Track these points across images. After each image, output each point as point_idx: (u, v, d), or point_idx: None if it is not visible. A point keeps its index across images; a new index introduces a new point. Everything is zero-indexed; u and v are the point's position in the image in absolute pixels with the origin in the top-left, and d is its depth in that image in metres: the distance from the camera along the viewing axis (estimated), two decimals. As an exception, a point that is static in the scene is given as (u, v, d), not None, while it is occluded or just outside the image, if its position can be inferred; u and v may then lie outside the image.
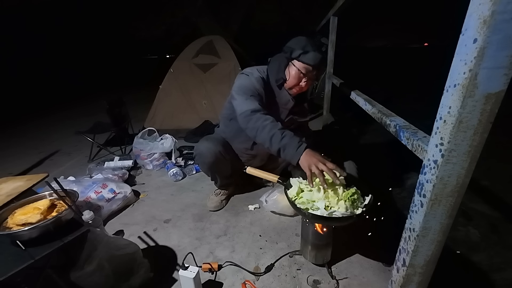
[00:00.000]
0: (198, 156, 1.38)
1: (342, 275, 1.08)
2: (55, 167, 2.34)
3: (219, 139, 1.41)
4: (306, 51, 1.13)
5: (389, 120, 0.81)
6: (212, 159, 1.34)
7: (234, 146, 1.46)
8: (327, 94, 2.70)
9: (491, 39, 0.40)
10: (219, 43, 3.07)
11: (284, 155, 1.03)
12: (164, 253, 1.20)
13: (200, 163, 1.42)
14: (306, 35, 1.22)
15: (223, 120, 1.45)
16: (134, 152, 2.14)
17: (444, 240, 0.59)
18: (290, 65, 1.19)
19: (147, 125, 2.74)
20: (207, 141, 1.36)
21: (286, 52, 1.19)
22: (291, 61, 1.18)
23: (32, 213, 0.82)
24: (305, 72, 1.17)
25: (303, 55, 1.14)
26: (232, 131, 1.39)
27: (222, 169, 1.45)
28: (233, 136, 1.42)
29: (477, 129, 0.46)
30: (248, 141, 1.36)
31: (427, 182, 0.54)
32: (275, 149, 1.04)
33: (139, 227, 1.45)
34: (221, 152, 1.35)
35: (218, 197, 1.57)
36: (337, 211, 0.90)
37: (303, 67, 1.16)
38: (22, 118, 4.38)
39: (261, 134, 1.08)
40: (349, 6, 1.87)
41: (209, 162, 1.36)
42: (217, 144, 1.35)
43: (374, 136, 2.72)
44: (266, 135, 1.06)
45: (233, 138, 1.43)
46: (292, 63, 1.18)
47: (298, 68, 1.16)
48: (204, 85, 2.90)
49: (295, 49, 1.15)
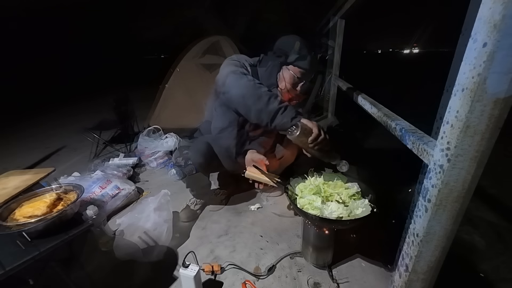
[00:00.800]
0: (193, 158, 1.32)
1: (343, 278, 1.07)
2: (62, 162, 2.38)
3: (200, 149, 1.30)
4: (303, 56, 1.09)
5: (394, 123, 0.81)
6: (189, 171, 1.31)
7: (217, 148, 1.33)
8: (332, 96, 2.69)
9: (501, 43, 0.39)
10: (225, 43, 3.09)
11: (282, 117, 0.97)
12: (165, 252, 1.20)
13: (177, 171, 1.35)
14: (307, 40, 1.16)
15: (208, 116, 1.36)
16: (139, 149, 2.16)
17: (449, 246, 0.58)
18: (284, 69, 1.15)
19: (152, 123, 2.76)
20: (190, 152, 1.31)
21: (279, 55, 1.13)
22: (285, 66, 1.14)
23: (39, 206, 0.83)
24: (301, 76, 1.14)
25: (299, 60, 1.10)
26: (217, 125, 1.28)
27: (199, 179, 1.42)
28: (217, 133, 1.29)
29: (485, 134, 0.45)
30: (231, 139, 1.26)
31: (432, 186, 0.54)
32: (273, 109, 0.97)
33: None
34: (201, 165, 1.31)
35: (192, 207, 1.50)
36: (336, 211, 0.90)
37: (299, 72, 1.13)
38: (30, 114, 4.47)
39: (255, 91, 1.00)
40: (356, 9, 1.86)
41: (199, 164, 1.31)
42: (198, 155, 1.29)
43: (379, 140, 2.70)
44: (264, 95, 0.98)
45: (217, 137, 1.30)
46: (286, 68, 1.14)
47: (293, 73, 1.13)
48: (210, 85, 2.91)
49: (290, 53, 1.10)
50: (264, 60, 1.21)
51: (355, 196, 1.00)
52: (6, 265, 0.69)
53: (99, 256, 1.22)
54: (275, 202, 1.63)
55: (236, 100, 1.05)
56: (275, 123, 0.98)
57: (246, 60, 1.22)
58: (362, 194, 1.01)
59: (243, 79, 1.05)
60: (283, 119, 0.96)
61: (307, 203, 0.96)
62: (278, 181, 1.09)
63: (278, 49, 1.15)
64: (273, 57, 1.17)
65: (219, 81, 1.13)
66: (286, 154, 1.48)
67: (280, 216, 1.48)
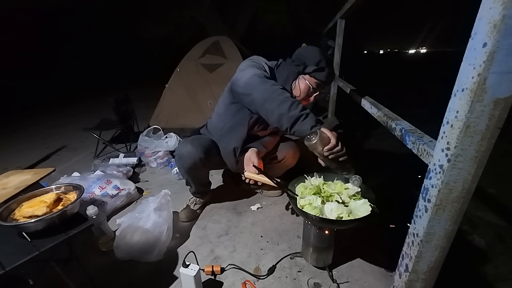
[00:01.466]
0: (177, 158, 1.30)
1: (343, 278, 1.07)
2: (62, 162, 2.38)
3: (204, 143, 1.29)
4: (321, 68, 1.11)
5: (394, 123, 0.81)
6: (190, 164, 1.26)
7: (223, 145, 1.34)
8: (332, 96, 2.69)
9: (501, 43, 0.39)
10: (225, 43, 3.09)
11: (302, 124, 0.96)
12: (165, 252, 1.20)
13: (178, 166, 1.33)
14: (314, 42, 1.19)
15: (219, 111, 1.34)
16: (139, 149, 2.16)
17: (449, 247, 0.58)
18: (300, 78, 1.16)
19: (153, 123, 2.77)
20: (191, 145, 1.25)
21: (298, 65, 1.14)
22: (302, 75, 1.15)
23: (39, 206, 0.83)
24: (316, 87, 1.16)
25: (317, 72, 1.11)
26: (227, 122, 1.28)
27: (199, 176, 1.40)
28: (226, 130, 1.30)
29: (485, 135, 0.45)
30: (239, 138, 1.27)
31: (432, 187, 0.54)
32: (294, 115, 0.96)
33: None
34: (202, 160, 1.25)
35: (192, 206, 1.49)
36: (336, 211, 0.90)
37: (315, 83, 1.14)
38: (30, 114, 4.48)
39: (278, 96, 0.99)
40: (356, 9, 1.86)
41: (186, 167, 1.29)
42: (200, 149, 1.25)
43: (379, 140, 2.70)
44: (287, 101, 0.98)
45: (225, 134, 1.31)
46: (303, 77, 1.15)
47: (309, 83, 1.15)
48: (210, 85, 2.92)
49: (309, 64, 1.11)
50: (282, 66, 1.22)
51: (355, 196, 1.00)
52: (5, 265, 0.68)
53: (99, 256, 1.22)
54: (274, 202, 1.63)
55: (259, 103, 1.05)
56: (295, 129, 0.98)
57: (266, 62, 1.23)
58: (361, 194, 1.01)
59: (267, 83, 1.06)
60: (303, 126, 0.96)
61: (307, 203, 0.96)
62: (278, 181, 1.09)
63: (297, 58, 1.16)
64: (291, 64, 1.18)
65: (239, 81, 1.13)
66: (287, 157, 1.48)
67: (280, 217, 1.48)
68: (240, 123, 1.25)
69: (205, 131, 1.47)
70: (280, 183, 1.08)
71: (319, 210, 0.92)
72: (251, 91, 1.06)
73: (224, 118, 1.31)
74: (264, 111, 1.04)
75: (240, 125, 1.26)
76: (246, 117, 1.23)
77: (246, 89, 1.09)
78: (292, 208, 1.34)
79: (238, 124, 1.26)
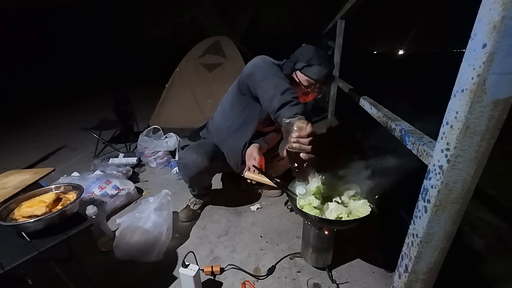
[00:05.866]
0: (182, 167, 1.30)
1: (342, 279, 1.07)
2: (61, 162, 2.38)
3: (208, 151, 1.29)
4: (310, 64, 1.10)
5: (394, 124, 0.81)
6: (195, 173, 1.27)
7: (226, 146, 1.33)
8: (332, 97, 2.69)
9: (501, 44, 0.39)
10: (225, 43, 3.09)
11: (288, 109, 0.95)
12: (165, 252, 1.20)
13: (183, 174, 1.33)
14: (314, 43, 1.16)
15: (225, 109, 1.33)
16: (139, 149, 2.16)
17: (448, 247, 0.58)
18: (294, 74, 1.16)
19: (152, 123, 2.77)
20: (196, 153, 1.25)
21: (291, 61, 1.15)
22: (294, 72, 1.15)
23: (38, 205, 0.83)
24: (307, 85, 1.14)
25: (306, 68, 1.10)
26: (235, 120, 1.28)
27: (203, 182, 1.41)
28: (234, 128, 1.29)
29: (485, 135, 0.45)
30: (248, 135, 1.27)
31: (431, 187, 0.54)
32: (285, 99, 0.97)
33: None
34: (207, 168, 1.26)
35: (192, 206, 1.50)
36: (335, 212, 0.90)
37: (305, 80, 1.13)
38: (30, 113, 4.47)
39: (278, 79, 1.04)
40: (356, 9, 1.86)
41: (191, 175, 1.29)
42: (205, 158, 1.25)
43: (378, 141, 2.70)
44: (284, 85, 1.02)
45: (232, 132, 1.30)
46: (295, 74, 1.15)
47: (300, 80, 1.14)
48: (210, 84, 2.92)
49: (300, 60, 1.11)
50: (285, 65, 1.22)
51: (355, 196, 1.00)
52: (5, 265, 0.68)
53: (99, 256, 1.22)
54: (274, 202, 1.63)
55: (258, 79, 1.08)
56: (282, 111, 0.97)
57: (274, 62, 1.23)
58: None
59: (272, 68, 1.10)
60: (290, 111, 0.95)
61: (306, 204, 0.96)
62: (277, 181, 1.09)
63: (293, 55, 1.17)
64: (288, 61, 1.19)
65: (247, 66, 1.16)
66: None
67: (280, 217, 1.48)
68: (249, 120, 1.26)
69: (206, 133, 1.46)
70: (280, 183, 1.08)
71: (319, 210, 0.92)
72: (255, 69, 1.11)
73: (231, 116, 1.30)
74: (260, 88, 1.08)
75: (249, 122, 1.26)
76: (255, 114, 1.24)
77: (251, 69, 1.13)
78: (291, 206, 1.34)
79: (247, 121, 1.26)
